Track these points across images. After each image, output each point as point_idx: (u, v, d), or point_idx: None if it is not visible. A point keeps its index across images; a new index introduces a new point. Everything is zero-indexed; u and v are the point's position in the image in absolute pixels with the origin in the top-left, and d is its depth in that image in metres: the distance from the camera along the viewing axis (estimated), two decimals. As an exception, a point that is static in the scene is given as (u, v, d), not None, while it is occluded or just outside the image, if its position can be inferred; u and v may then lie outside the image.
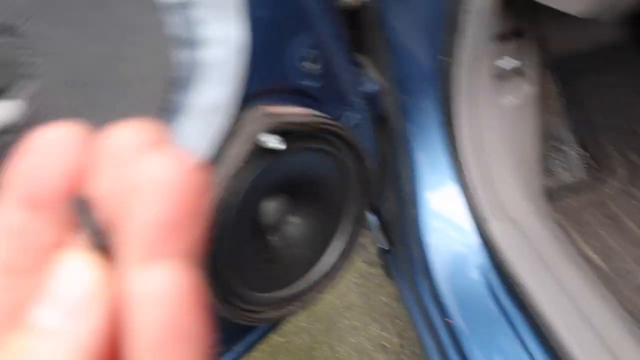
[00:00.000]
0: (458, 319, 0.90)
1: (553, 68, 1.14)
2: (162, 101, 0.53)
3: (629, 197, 1.08)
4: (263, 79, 0.64)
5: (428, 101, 0.93)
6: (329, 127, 0.68)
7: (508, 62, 0.87)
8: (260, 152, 0.62)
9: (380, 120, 0.99)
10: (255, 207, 0.70)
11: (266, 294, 0.79)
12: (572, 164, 1.16)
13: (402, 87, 0.93)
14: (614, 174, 1.13)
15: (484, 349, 0.85)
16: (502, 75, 0.90)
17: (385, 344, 1.51)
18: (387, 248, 1.20)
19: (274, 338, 1.59)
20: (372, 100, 0.91)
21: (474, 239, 0.94)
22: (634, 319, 0.78)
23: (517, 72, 0.91)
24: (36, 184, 0.16)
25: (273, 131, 0.62)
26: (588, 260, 0.94)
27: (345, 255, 0.87)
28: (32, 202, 0.16)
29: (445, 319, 0.89)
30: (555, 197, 1.12)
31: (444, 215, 0.97)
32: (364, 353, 1.50)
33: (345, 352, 1.52)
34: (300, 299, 0.85)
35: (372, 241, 1.81)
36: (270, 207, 0.75)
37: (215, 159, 0.61)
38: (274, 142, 0.62)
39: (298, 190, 0.75)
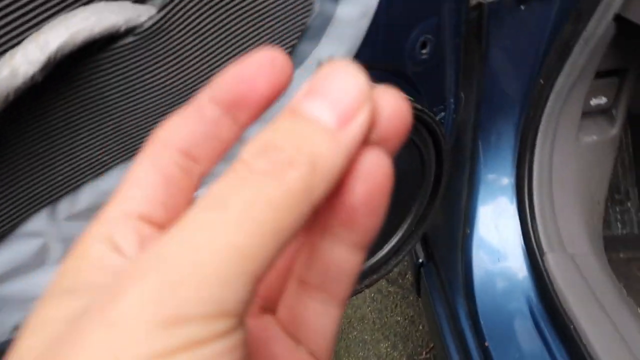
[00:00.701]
0: (495, 345, 0.87)
1: (629, 119, 1.13)
2: (287, 44, 0.52)
3: (683, 262, 1.06)
4: (373, 53, 0.64)
5: (508, 124, 0.92)
6: (425, 117, 0.67)
7: (601, 101, 0.86)
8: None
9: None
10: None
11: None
12: (628, 218, 1.14)
13: (485, 105, 0.92)
14: (670, 236, 1.10)
15: (518, 380, 0.82)
16: (590, 113, 0.89)
17: (392, 364, 1.48)
18: (422, 261, 1.17)
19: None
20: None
21: (524, 268, 0.92)
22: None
23: (605, 112, 0.90)
24: (238, 89, 0.17)
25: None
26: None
27: (398, 254, 0.85)
28: (229, 103, 0.18)
29: (485, 343, 0.86)
30: (606, 247, 1.09)
31: (497, 239, 0.95)
32: (368, 368, 1.47)
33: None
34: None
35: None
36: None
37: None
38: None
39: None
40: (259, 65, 0.17)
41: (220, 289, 0.14)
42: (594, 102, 0.88)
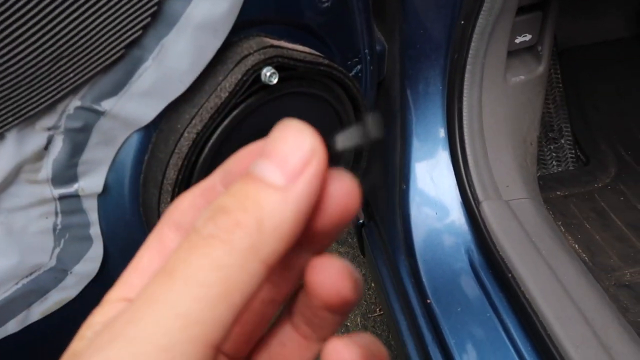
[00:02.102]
0: (437, 301, 0.85)
1: (558, 55, 1.10)
2: (155, 5, 0.44)
3: (617, 194, 1.06)
4: (265, 5, 0.56)
5: (435, 70, 0.87)
6: (333, 72, 0.60)
7: (526, 38, 0.82)
8: (252, 86, 0.54)
9: (377, 85, 0.92)
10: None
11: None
12: (563, 155, 1.13)
13: (410, 53, 0.86)
14: (604, 169, 1.10)
15: (461, 331, 0.81)
16: (516, 52, 0.85)
17: (348, 324, 1.47)
18: (363, 221, 1.14)
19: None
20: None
21: (462, 219, 0.89)
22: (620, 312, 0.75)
23: (531, 50, 0.86)
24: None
25: (271, 64, 0.54)
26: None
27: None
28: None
29: (427, 300, 0.84)
30: (542, 186, 1.09)
31: (434, 192, 0.92)
32: (325, 331, 1.45)
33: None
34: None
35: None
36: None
37: (199, 86, 0.52)
38: (270, 76, 0.54)
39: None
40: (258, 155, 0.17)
41: (169, 354, 0.14)
42: (518, 39, 0.84)
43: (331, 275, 0.18)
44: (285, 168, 0.16)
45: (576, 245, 1.00)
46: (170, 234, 0.19)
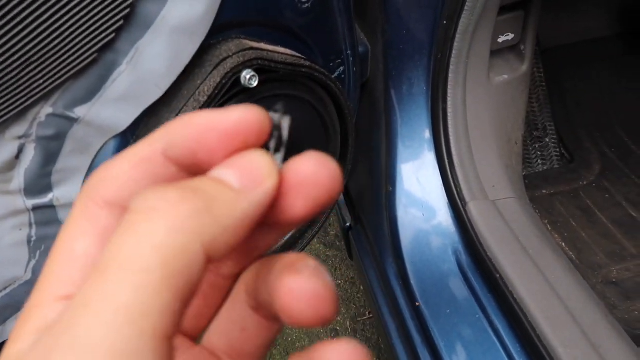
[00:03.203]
0: (426, 302, 0.85)
1: (541, 54, 1.10)
2: (128, 7, 0.42)
3: (602, 191, 1.07)
4: (243, 7, 0.55)
5: (418, 71, 0.86)
6: (315, 74, 0.59)
7: (508, 37, 0.82)
8: (231, 89, 0.53)
9: (361, 87, 0.91)
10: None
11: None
12: (547, 154, 1.13)
13: (393, 53, 0.85)
14: (588, 167, 1.10)
15: (451, 333, 0.80)
16: (499, 52, 0.85)
17: (338, 328, 1.45)
18: (350, 224, 1.13)
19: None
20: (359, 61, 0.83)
21: (449, 220, 0.89)
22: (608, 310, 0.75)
23: (514, 49, 0.86)
24: (196, 154, 0.17)
25: (250, 67, 0.53)
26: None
27: (313, 227, 0.79)
28: (188, 163, 0.17)
29: (416, 303, 0.83)
30: (528, 185, 1.09)
31: (420, 193, 0.91)
32: (314, 336, 1.44)
33: (295, 335, 1.45)
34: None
35: (330, 223, 1.75)
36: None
37: (177, 90, 0.51)
38: (249, 79, 0.53)
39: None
40: (218, 132, 0.17)
41: (118, 355, 0.13)
42: (501, 39, 0.83)
43: (309, 301, 0.17)
44: (243, 177, 0.16)
45: (563, 244, 1.00)
46: (102, 211, 0.16)
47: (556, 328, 0.68)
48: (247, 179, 0.16)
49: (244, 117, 0.17)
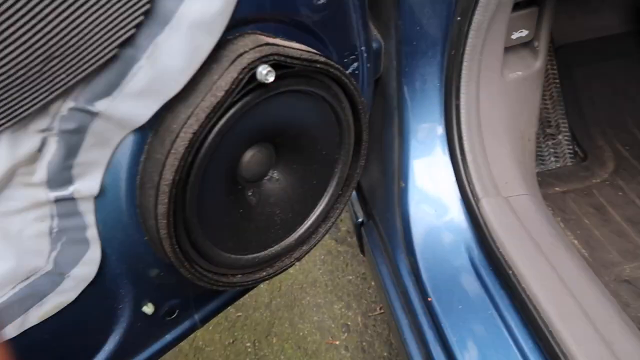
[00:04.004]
0: (438, 299, 0.85)
1: (554, 51, 1.09)
2: (148, 3, 0.43)
3: (615, 189, 1.06)
4: (259, 3, 0.56)
5: (431, 67, 0.86)
6: (330, 70, 0.60)
7: (522, 34, 0.81)
8: (248, 85, 0.54)
9: (374, 83, 0.92)
10: (233, 154, 0.62)
11: (235, 256, 0.71)
12: (561, 151, 1.13)
13: (406, 49, 0.85)
14: (602, 165, 1.10)
15: (463, 328, 0.80)
16: (513, 48, 0.84)
17: (349, 323, 1.46)
18: (362, 220, 1.13)
19: (232, 312, 1.51)
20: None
21: (461, 216, 0.89)
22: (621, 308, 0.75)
23: (528, 46, 0.86)
24: None
25: (267, 63, 0.54)
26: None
27: (327, 221, 0.79)
28: None
29: (428, 298, 0.83)
30: (541, 183, 1.08)
31: (432, 189, 0.91)
32: (326, 331, 1.44)
33: (307, 329, 1.46)
34: (273, 264, 0.78)
35: (342, 219, 1.76)
36: (250, 157, 0.66)
37: (194, 85, 0.52)
38: (266, 74, 0.53)
39: (283, 140, 0.67)
40: None
41: None
42: (515, 35, 0.83)
43: None
44: None
45: (576, 241, 1.00)
46: None
47: (569, 325, 0.68)
48: None
49: None
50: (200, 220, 0.58)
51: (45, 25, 0.39)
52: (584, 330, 0.67)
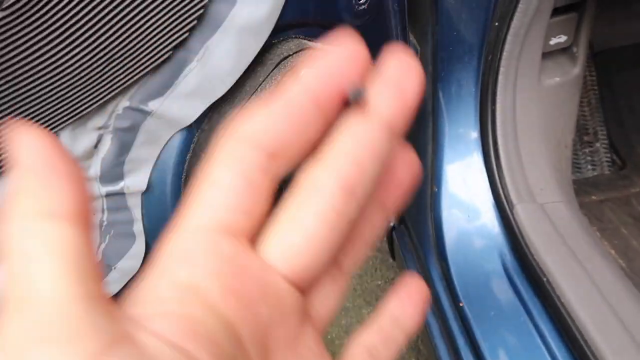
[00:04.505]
0: (470, 304, 0.85)
1: (593, 57, 1.08)
2: (202, 8, 0.46)
3: (655, 199, 1.04)
4: (303, 8, 0.57)
5: (467, 72, 0.86)
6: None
7: (561, 39, 0.81)
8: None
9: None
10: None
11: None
12: (598, 159, 1.11)
13: (442, 55, 0.86)
14: (641, 173, 1.08)
15: (494, 335, 0.80)
16: (551, 54, 0.84)
17: (376, 327, 1.46)
18: (393, 224, 1.14)
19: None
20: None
21: (495, 222, 0.89)
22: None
23: (566, 52, 0.85)
24: (332, 85, 0.18)
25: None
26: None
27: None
28: (324, 99, 0.17)
29: (460, 303, 0.83)
30: (577, 191, 1.07)
31: (465, 194, 0.92)
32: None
33: (335, 333, 1.46)
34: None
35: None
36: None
37: (240, 87, 0.54)
38: (309, 78, 0.55)
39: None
40: (346, 59, 0.18)
41: None
42: (553, 41, 0.83)
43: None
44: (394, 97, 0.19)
45: (613, 251, 0.98)
46: (245, 150, 0.17)
47: (605, 334, 0.67)
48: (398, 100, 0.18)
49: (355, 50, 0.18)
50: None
51: (109, 29, 0.42)
52: (621, 340, 0.66)
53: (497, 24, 0.79)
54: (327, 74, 0.17)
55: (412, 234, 1.03)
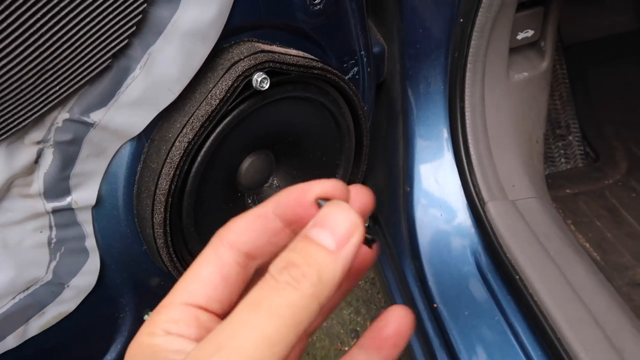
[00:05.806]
0: (444, 304, 0.84)
1: (563, 51, 1.08)
2: (140, 14, 0.43)
3: (628, 190, 1.03)
4: (254, 10, 0.55)
5: (435, 69, 0.85)
6: (327, 75, 0.59)
7: (528, 34, 0.80)
8: (243, 92, 0.53)
9: (377, 86, 0.91)
10: (231, 162, 0.61)
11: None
12: (571, 152, 1.10)
13: (409, 52, 0.85)
14: (614, 165, 1.07)
15: (469, 335, 0.79)
16: (518, 49, 0.83)
17: (358, 328, 1.45)
18: (368, 224, 1.12)
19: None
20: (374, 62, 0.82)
21: (468, 221, 0.88)
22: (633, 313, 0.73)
23: (534, 46, 0.84)
24: (298, 211, 0.24)
25: (262, 70, 0.53)
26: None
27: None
28: (291, 220, 0.24)
29: (434, 304, 0.82)
30: (551, 185, 1.06)
31: (438, 193, 0.90)
32: (335, 337, 1.44)
33: (315, 335, 1.45)
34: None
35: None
36: (249, 164, 0.66)
37: (189, 94, 0.52)
38: (261, 81, 0.53)
39: (283, 147, 0.66)
40: (317, 195, 0.24)
41: None
42: (520, 36, 0.82)
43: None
44: (335, 237, 0.22)
45: (587, 244, 0.98)
46: (226, 251, 0.24)
47: (578, 331, 0.66)
48: (339, 238, 0.22)
49: (329, 187, 0.24)
50: (198, 228, 0.58)
51: (38, 38, 0.39)
52: (594, 337, 0.66)
53: (462, 20, 0.78)
54: (296, 204, 0.23)
55: (386, 233, 1.02)
